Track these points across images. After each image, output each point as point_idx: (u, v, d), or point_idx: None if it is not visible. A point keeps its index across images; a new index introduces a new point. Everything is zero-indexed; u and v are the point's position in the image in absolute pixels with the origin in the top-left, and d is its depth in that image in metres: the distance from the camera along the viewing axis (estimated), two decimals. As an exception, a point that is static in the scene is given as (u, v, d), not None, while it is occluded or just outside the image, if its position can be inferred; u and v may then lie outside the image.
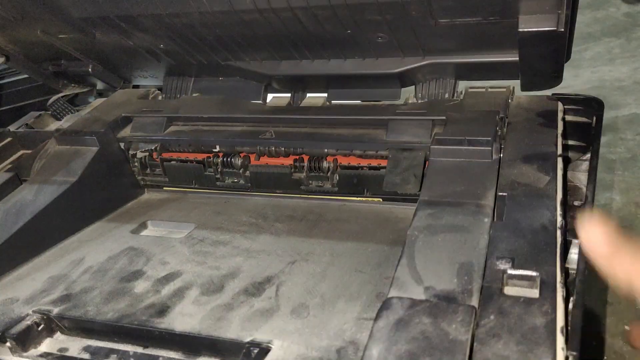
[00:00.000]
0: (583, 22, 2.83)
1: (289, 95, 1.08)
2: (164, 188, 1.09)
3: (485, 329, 0.52)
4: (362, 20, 0.82)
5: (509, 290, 0.57)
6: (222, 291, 0.73)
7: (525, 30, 0.74)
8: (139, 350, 0.67)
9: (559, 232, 0.62)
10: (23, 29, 1.01)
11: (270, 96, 1.10)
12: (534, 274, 0.57)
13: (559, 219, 0.64)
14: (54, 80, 1.22)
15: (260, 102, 1.08)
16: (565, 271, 0.61)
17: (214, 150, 1.02)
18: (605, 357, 1.19)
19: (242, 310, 0.68)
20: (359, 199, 0.95)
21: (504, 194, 0.70)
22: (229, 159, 0.99)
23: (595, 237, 0.46)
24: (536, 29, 0.74)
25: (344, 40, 0.89)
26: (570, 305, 0.56)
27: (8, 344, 0.68)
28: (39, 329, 0.70)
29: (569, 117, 0.88)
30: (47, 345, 0.70)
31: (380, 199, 0.94)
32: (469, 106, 0.90)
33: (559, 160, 0.74)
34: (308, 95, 1.08)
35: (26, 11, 0.95)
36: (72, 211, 0.94)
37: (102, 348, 0.68)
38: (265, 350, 0.61)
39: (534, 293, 0.55)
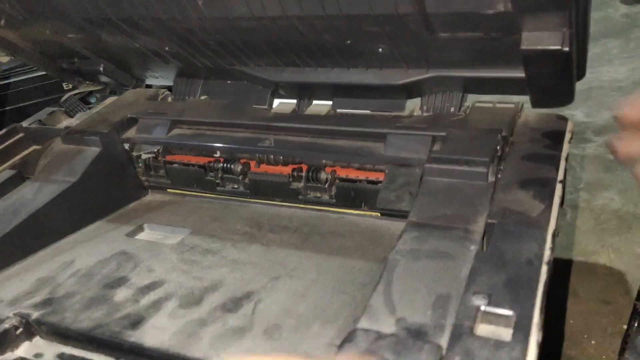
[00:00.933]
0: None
1: (295, 101, 1.06)
2: (168, 190, 1.09)
3: None
4: (360, 30, 0.79)
5: (481, 329, 0.54)
6: (199, 304, 0.72)
7: (529, 48, 0.70)
8: None
9: (544, 268, 0.59)
10: (33, 28, 1.02)
11: (276, 101, 1.08)
12: (509, 313, 0.53)
13: (547, 252, 0.60)
14: (69, 77, 1.23)
15: (266, 107, 1.06)
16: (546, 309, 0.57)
17: (215, 155, 1.01)
18: (604, 357, 1.18)
19: (215, 327, 0.67)
20: (356, 212, 0.93)
21: (493, 221, 0.66)
22: (229, 165, 0.98)
23: None
24: (540, 47, 0.69)
25: (345, 49, 0.86)
26: None
27: (-15, 346, 0.68)
28: (17, 332, 0.70)
29: None
30: (24, 349, 0.70)
31: (379, 214, 0.91)
32: (472, 122, 0.86)
33: (558, 187, 0.70)
34: (314, 102, 1.05)
35: (33, 11, 0.95)
36: (70, 211, 0.94)
37: (76, 357, 0.68)
38: None
39: (507, 334, 0.52)
